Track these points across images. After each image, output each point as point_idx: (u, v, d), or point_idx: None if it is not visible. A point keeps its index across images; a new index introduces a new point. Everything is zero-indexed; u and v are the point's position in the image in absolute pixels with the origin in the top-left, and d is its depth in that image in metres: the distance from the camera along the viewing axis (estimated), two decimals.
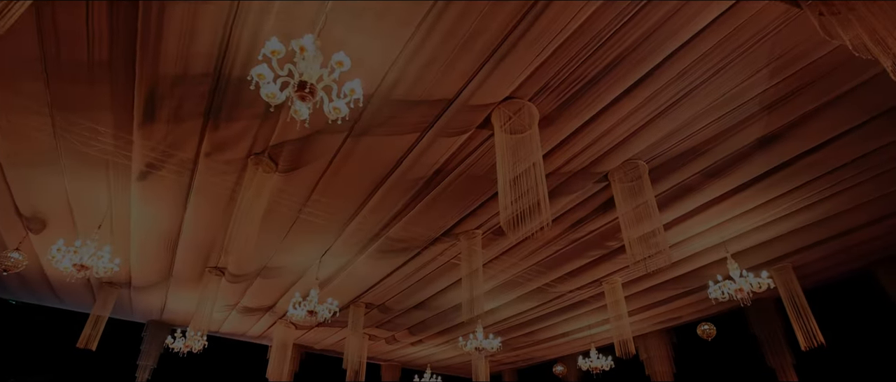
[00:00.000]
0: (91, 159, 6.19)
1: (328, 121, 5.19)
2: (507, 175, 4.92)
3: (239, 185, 6.23)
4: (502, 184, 4.80)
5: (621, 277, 9.20)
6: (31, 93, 5.07)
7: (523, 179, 5.02)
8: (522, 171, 5.07)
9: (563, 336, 12.79)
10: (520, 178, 5.00)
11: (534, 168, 4.99)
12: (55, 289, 11.09)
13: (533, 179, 4.93)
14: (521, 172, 5.07)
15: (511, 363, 16.26)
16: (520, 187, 4.96)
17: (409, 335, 13.32)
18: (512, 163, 5.01)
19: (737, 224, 7.30)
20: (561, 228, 7.59)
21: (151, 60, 4.62)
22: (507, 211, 4.73)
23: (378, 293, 10.38)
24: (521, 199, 4.95)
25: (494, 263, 8.78)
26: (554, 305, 10.64)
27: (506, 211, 4.71)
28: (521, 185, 4.96)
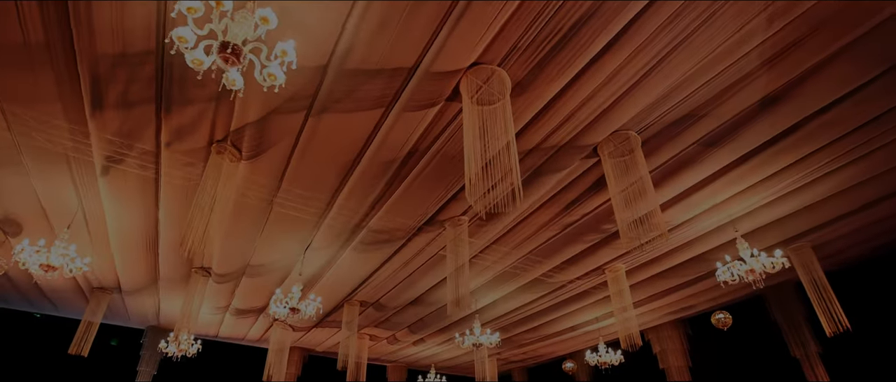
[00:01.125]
0: (52, 155, 5.98)
1: (271, 92, 4.87)
2: (477, 150, 4.51)
3: (211, 179, 5.93)
4: (470, 160, 4.39)
5: (624, 264, 8.68)
6: None
7: (497, 156, 4.60)
8: (495, 146, 4.66)
9: (570, 330, 12.27)
10: (492, 155, 4.58)
11: (508, 144, 4.57)
12: (48, 296, 11.03)
13: (507, 155, 4.51)
14: (494, 147, 4.66)
15: (519, 361, 15.77)
16: (492, 164, 4.55)
17: (409, 334, 12.96)
18: (483, 137, 4.60)
19: (744, 200, 6.75)
20: (552, 211, 7.14)
21: (87, 38, 4.35)
22: (477, 190, 4.31)
23: (370, 290, 10.04)
24: (498, 179, 4.53)
25: (486, 253, 8.36)
26: (555, 297, 10.16)
27: (475, 191, 4.30)
28: (494, 162, 4.55)
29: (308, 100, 4.97)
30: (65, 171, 6.24)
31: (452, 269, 6.89)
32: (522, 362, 15.88)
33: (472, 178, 4.27)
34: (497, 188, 4.40)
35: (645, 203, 5.67)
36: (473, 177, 4.27)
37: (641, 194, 5.70)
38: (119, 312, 11.99)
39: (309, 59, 4.46)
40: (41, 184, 6.56)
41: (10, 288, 10.68)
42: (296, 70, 4.57)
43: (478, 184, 4.31)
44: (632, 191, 5.78)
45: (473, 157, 4.34)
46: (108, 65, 4.59)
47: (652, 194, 5.64)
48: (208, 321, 12.41)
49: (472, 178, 4.27)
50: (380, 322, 12.30)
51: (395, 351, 15.12)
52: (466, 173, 4.26)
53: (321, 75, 4.67)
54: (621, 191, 5.80)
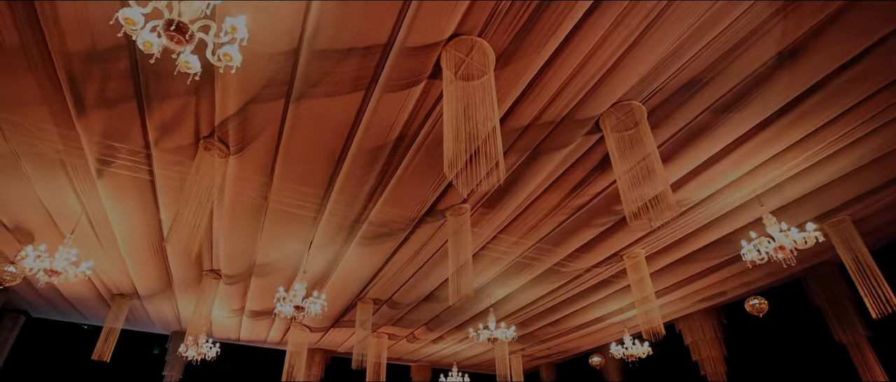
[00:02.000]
0: (48, 161, 6.08)
1: (248, 81, 4.75)
2: (460, 127, 4.26)
3: (198, 175, 5.90)
4: (450, 137, 4.14)
5: (643, 249, 8.22)
6: None
7: (477, 130, 4.33)
8: (481, 122, 4.39)
9: (594, 323, 11.81)
10: (477, 131, 4.32)
11: (490, 118, 4.30)
12: (73, 304, 11.41)
13: (490, 132, 4.24)
14: (480, 124, 4.39)
15: (545, 357, 15.35)
16: (476, 140, 4.28)
17: (427, 331, 12.79)
18: (468, 113, 4.35)
19: (768, 172, 6.23)
20: (559, 194, 6.80)
21: (57, 36, 4.34)
22: (457, 168, 4.06)
23: (381, 287, 9.91)
24: (477, 153, 4.27)
25: (494, 243, 8.08)
26: (573, 288, 9.76)
27: (454, 167, 4.05)
28: (476, 137, 4.28)
29: (285, 86, 4.83)
30: (63, 177, 6.35)
31: (454, 258, 6.64)
32: (548, 358, 15.46)
33: (451, 155, 4.02)
34: (478, 164, 4.14)
35: (655, 182, 5.28)
36: (452, 153, 4.02)
37: (650, 172, 5.31)
38: (142, 318, 12.30)
39: (279, 43, 4.32)
40: (44, 191, 6.70)
41: (36, 297, 11.11)
42: (269, 56, 4.45)
43: (457, 162, 4.05)
44: (640, 169, 5.39)
45: (454, 134, 4.08)
46: (81, 62, 4.58)
47: (661, 172, 5.24)
48: (227, 324, 12.59)
49: (451, 155, 4.02)
50: (396, 321, 12.18)
51: (416, 350, 14.98)
52: (446, 150, 4.00)
53: (294, 59, 4.53)
54: (628, 170, 5.42)
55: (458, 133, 4.19)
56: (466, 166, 4.09)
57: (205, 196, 5.57)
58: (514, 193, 6.67)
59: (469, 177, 4.04)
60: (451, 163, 4.01)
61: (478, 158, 4.19)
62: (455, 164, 4.00)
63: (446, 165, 3.94)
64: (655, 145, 5.46)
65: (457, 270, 6.55)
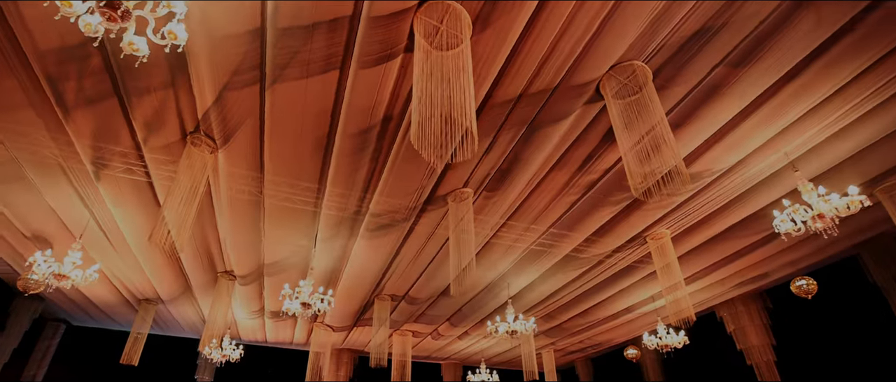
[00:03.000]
0: (48, 166, 6.23)
1: (218, 68, 4.63)
2: (433, 100, 3.98)
3: (185, 171, 5.87)
4: (416, 106, 3.86)
5: (668, 229, 7.65)
6: None
7: (457, 104, 4.02)
8: (460, 93, 4.09)
9: (625, 312, 11.21)
10: (451, 102, 4.02)
11: (466, 88, 4.00)
12: (104, 310, 11.88)
13: (461, 100, 3.93)
14: (459, 95, 4.09)
15: (578, 351, 14.80)
16: (454, 113, 3.99)
17: (451, 327, 12.55)
18: (441, 84, 4.06)
19: (801, 131, 5.59)
20: (567, 172, 6.38)
21: (27, 35, 4.36)
22: (428, 138, 3.78)
23: (395, 282, 9.75)
24: (453, 128, 3.98)
25: (505, 231, 7.73)
26: (597, 275, 9.25)
27: (426, 139, 3.76)
28: (453, 111, 3.99)
29: (255, 71, 4.70)
30: (65, 182, 6.50)
31: (456, 245, 6.37)
32: (582, 351, 14.89)
33: (421, 121, 3.72)
34: (454, 136, 3.84)
35: (666, 154, 4.81)
36: (423, 119, 3.72)
37: (661, 143, 4.84)
38: (170, 322, 12.68)
39: (240, 22, 4.17)
40: (52, 198, 6.90)
41: (71, 306, 11.63)
42: (233, 38, 4.31)
43: (429, 131, 3.76)
44: (649, 140, 4.92)
45: (424, 101, 3.79)
46: (54, 61, 4.60)
47: (671, 142, 4.77)
48: (250, 326, 12.80)
49: (421, 121, 3.72)
50: (417, 317, 12.00)
51: (443, 347, 14.78)
52: (414, 117, 3.70)
53: (260, 40, 4.38)
54: (635, 143, 4.96)
55: (430, 105, 3.91)
56: (443, 138, 3.79)
57: (191, 193, 5.54)
58: (516, 174, 6.31)
59: (444, 150, 3.74)
60: (419, 133, 3.71)
61: (452, 130, 3.89)
62: (426, 134, 3.70)
63: (414, 134, 3.65)
64: (664, 111, 5.01)
65: (459, 258, 6.27)
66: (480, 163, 6.09)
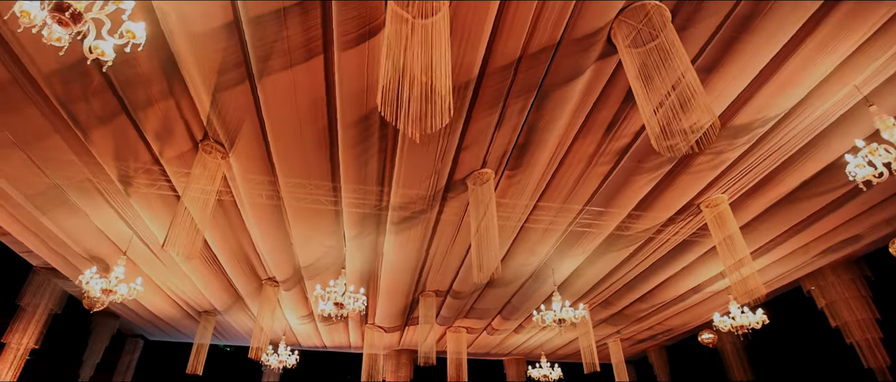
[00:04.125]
0: (85, 188, 6.67)
1: (206, 69, 4.65)
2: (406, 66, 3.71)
3: (196, 178, 6.03)
4: (388, 71, 3.59)
5: (724, 193, 6.83)
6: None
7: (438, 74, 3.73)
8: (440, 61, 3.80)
9: (693, 292, 10.24)
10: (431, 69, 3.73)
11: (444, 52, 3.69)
12: (172, 324, 12.75)
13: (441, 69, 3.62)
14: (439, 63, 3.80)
15: (648, 339, 13.82)
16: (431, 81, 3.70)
17: (504, 321, 12.17)
18: (416, 52, 3.78)
19: (870, 56, 4.68)
20: (593, 139, 5.87)
21: (31, 61, 4.62)
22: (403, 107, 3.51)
23: (435, 277, 9.57)
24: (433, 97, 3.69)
25: (538, 213, 7.29)
26: (650, 254, 8.49)
27: (395, 108, 3.50)
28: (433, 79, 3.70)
29: (241, 68, 4.69)
30: (102, 201, 6.94)
31: (476, 228, 6.06)
32: (652, 339, 13.90)
33: (388, 84, 3.45)
34: (433, 105, 3.55)
35: (699, 109, 4.22)
36: (390, 82, 3.45)
37: (690, 97, 4.24)
38: (231, 332, 13.36)
39: (212, 17, 4.16)
40: (96, 218, 7.41)
41: (140, 320, 12.59)
42: (210, 35, 4.32)
43: (404, 99, 3.49)
44: (676, 96, 4.34)
45: (392, 68, 3.53)
46: (59, 82, 4.85)
47: (700, 94, 4.16)
48: (305, 331, 13.19)
49: (388, 84, 3.45)
50: (467, 312, 11.76)
51: (501, 342, 14.42)
52: (382, 80, 3.43)
53: (236, 34, 4.35)
54: (662, 99, 4.40)
55: (406, 74, 3.64)
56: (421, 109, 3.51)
57: (204, 199, 5.67)
58: (536, 147, 5.88)
59: (411, 117, 3.46)
60: (385, 98, 3.44)
61: (433, 99, 3.60)
62: (392, 100, 3.44)
63: (382, 102, 3.40)
64: (689, 57, 4.39)
65: (478, 243, 5.95)
66: (494, 138, 5.74)
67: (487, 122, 5.44)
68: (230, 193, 6.96)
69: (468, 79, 4.76)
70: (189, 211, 5.52)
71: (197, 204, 5.62)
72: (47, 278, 9.68)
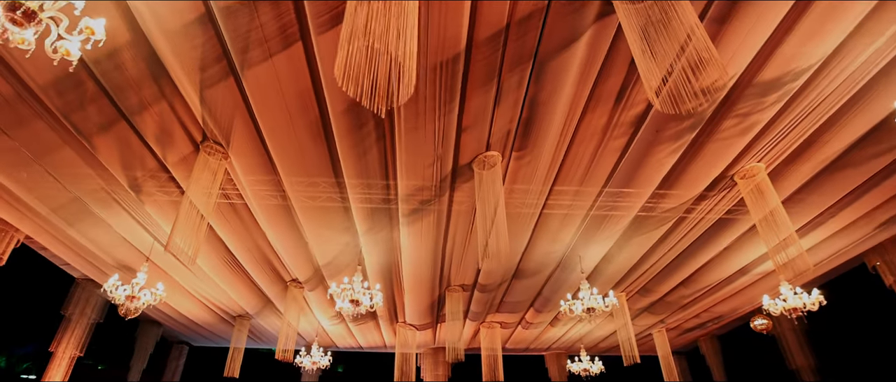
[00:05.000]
0: (103, 199, 6.90)
1: (189, 67, 4.63)
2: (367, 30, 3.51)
3: (203, 179, 6.09)
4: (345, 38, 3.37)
5: (760, 161, 6.22)
6: (2, 148, 5.81)
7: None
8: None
9: (739, 274, 9.49)
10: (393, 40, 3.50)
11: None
12: (208, 329, 13.18)
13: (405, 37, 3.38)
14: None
15: (696, 327, 13.01)
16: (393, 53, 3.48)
17: (537, 314, 11.79)
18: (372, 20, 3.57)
19: None
20: (604, 110, 5.47)
21: (27, 74, 4.77)
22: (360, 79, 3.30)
23: (458, 270, 9.36)
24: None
25: (555, 198, 6.93)
26: (685, 235, 7.91)
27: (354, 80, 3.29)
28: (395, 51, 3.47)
29: (222, 62, 4.64)
30: (120, 209, 7.16)
31: (481, 214, 5.80)
32: (701, 328, 13.08)
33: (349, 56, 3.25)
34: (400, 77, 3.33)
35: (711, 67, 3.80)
36: (349, 53, 3.24)
37: (700, 57, 3.82)
38: (266, 335, 13.67)
39: (184, 13, 4.12)
40: (118, 227, 7.67)
41: (179, 327, 13.09)
42: (185, 30, 4.29)
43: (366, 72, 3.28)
44: (691, 55, 3.93)
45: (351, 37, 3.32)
46: (56, 93, 4.98)
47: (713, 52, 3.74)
48: (338, 332, 13.30)
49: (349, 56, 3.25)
50: (498, 306, 11.48)
51: (539, 337, 14.03)
52: (340, 52, 3.23)
53: (211, 28, 4.30)
54: (668, 70, 3.99)
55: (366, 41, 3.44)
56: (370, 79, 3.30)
57: (206, 201, 5.71)
58: (542, 123, 5.53)
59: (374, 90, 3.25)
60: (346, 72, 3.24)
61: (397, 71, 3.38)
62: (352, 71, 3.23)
63: (339, 72, 3.20)
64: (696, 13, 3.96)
65: (484, 228, 5.69)
66: (494, 117, 5.45)
67: (484, 100, 5.17)
68: (240, 196, 7.02)
69: (455, 52, 4.51)
70: (190, 213, 5.56)
71: (200, 206, 5.66)
72: (88, 288, 10.19)
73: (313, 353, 11.97)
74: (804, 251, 6.33)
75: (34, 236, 8.06)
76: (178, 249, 5.49)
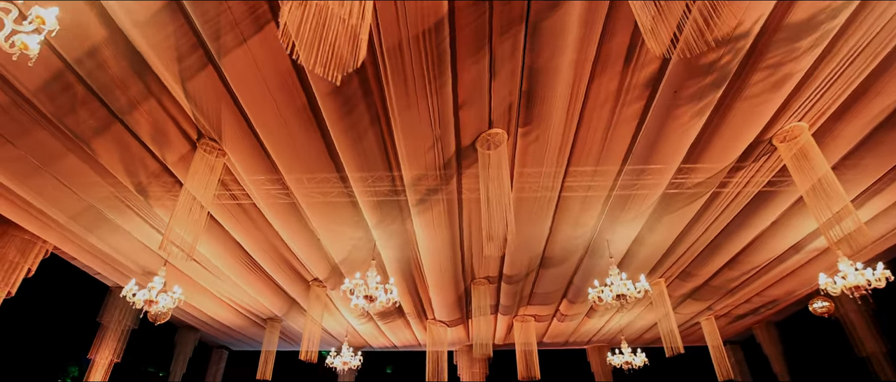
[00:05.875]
0: (116, 206, 7.01)
1: (168, 60, 4.53)
2: None
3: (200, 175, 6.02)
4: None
5: (801, 119, 5.54)
6: (10, 157, 5.97)
7: None
8: None
9: (792, 251, 8.62)
10: None
11: None
12: (242, 332, 13.42)
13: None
14: None
15: (749, 314, 12.04)
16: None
17: (571, 305, 11.25)
18: None
19: None
20: (613, 73, 4.99)
21: (21, 81, 4.83)
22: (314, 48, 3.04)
23: (480, 262, 9.04)
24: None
25: (571, 181, 6.47)
26: (722, 211, 7.22)
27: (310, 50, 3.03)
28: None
29: (198, 51, 4.52)
30: (133, 214, 7.27)
31: (485, 196, 5.45)
32: (754, 314, 12.09)
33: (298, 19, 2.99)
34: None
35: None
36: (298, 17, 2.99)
37: None
38: (298, 336, 13.75)
39: (148, 3, 4.01)
40: (135, 232, 7.81)
41: (214, 331, 13.40)
42: (154, 19, 4.18)
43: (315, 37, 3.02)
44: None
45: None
46: (47, 98, 5.01)
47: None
48: (369, 331, 13.23)
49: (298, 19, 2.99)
50: (529, 299, 11.05)
51: (577, 329, 13.45)
52: (282, 18, 2.98)
53: (181, 16, 4.18)
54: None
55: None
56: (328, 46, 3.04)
57: (202, 191, 5.66)
58: (545, 92, 5.10)
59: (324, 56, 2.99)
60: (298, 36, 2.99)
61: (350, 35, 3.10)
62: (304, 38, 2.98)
63: (281, 33, 2.95)
64: None
65: (488, 212, 5.33)
66: (492, 90, 5.08)
67: (477, 71, 4.82)
68: (248, 196, 6.97)
69: (437, 19, 4.20)
70: (187, 204, 5.53)
71: (197, 203, 5.62)
72: (122, 296, 10.51)
73: (344, 353, 11.94)
74: (862, 223, 5.60)
75: (60, 246, 8.34)
76: (179, 239, 5.44)
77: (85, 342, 10.31)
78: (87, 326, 10.35)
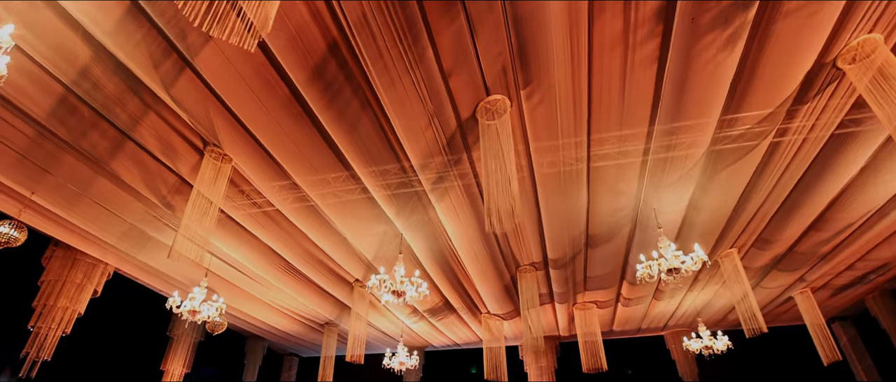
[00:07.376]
0: (154, 224, 7.38)
1: (147, 66, 4.57)
2: None
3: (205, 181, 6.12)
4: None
5: (874, 29, 4.51)
6: (52, 186, 6.42)
7: None
8: None
9: (892, 203, 7.22)
10: None
11: None
12: (303, 339, 13.82)
13: None
14: None
15: (854, 283, 10.35)
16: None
17: (632, 287, 10.36)
18: None
19: None
20: (614, 11, 4.36)
21: (28, 105, 5.14)
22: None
23: (518, 246, 8.51)
24: None
25: (597, 149, 5.84)
26: (790, 160, 6.16)
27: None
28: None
29: (171, 55, 4.54)
30: (171, 232, 7.60)
31: (484, 172, 5.00)
32: (862, 282, 10.37)
33: None
34: None
35: None
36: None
37: None
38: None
39: (111, 12, 4.05)
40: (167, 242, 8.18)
41: (280, 339, 13.92)
42: (120, 27, 4.23)
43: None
44: None
45: None
46: (58, 122, 5.29)
47: None
48: (425, 330, 13.08)
49: None
50: (585, 284, 10.31)
51: (647, 314, 12.42)
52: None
53: (145, 21, 4.19)
54: None
55: None
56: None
57: (208, 202, 5.73)
58: (538, 44, 4.58)
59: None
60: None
61: None
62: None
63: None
64: None
65: (490, 187, 4.88)
66: (478, 51, 4.65)
67: (456, 31, 4.41)
68: (269, 203, 7.02)
69: None
70: (198, 202, 5.64)
71: (203, 209, 5.70)
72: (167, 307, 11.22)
73: (400, 353, 11.87)
74: None
75: (119, 266, 8.97)
76: (193, 234, 5.55)
77: (157, 354, 11.07)
78: (158, 340, 11.11)
